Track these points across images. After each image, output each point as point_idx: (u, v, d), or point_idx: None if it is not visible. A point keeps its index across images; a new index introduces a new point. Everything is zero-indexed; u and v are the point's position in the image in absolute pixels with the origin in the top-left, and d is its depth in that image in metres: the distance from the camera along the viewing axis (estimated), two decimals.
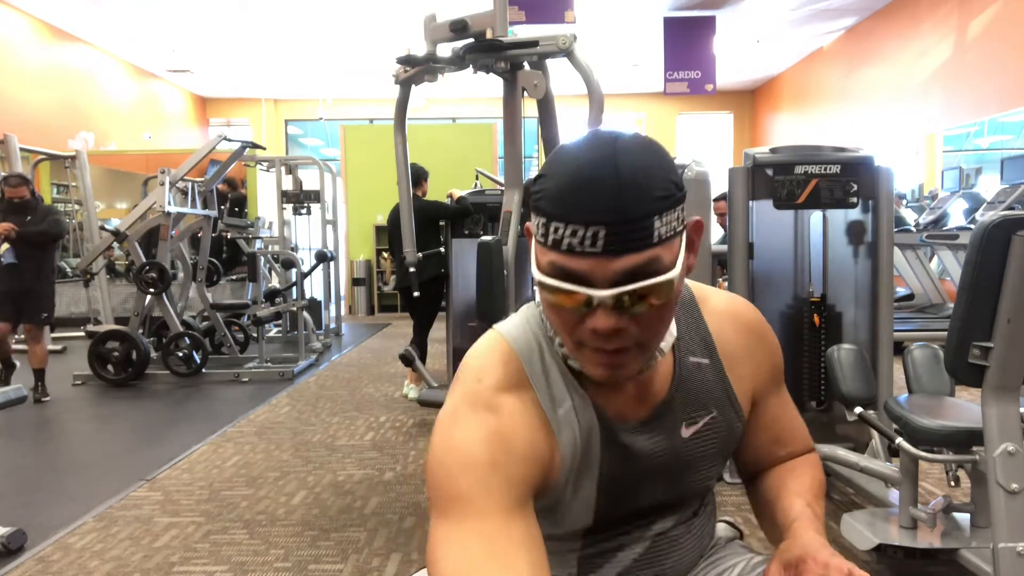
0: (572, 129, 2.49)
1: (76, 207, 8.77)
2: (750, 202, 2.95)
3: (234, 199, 8.51)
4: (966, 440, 1.93)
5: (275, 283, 6.95)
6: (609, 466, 0.85)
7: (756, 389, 0.96)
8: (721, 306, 0.95)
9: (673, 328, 0.85)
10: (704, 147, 13.81)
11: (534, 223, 0.77)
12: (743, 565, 0.97)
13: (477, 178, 6.47)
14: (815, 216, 2.96)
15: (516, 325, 0.88)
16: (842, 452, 2.56)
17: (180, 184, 5.74)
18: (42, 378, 4.92)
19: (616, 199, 0.70)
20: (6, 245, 4.64)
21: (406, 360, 4.04)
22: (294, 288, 6.47)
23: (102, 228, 6.09)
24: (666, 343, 0.83)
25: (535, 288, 0.81)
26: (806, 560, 0.81)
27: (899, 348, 2.93)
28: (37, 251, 4.78)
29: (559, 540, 0.91)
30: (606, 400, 0.85)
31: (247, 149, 6.21)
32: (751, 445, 1.00)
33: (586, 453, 0.84)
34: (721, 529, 1.08)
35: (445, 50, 2.88)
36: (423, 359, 4.49)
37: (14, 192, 4.76)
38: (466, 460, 0.75)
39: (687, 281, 0.92)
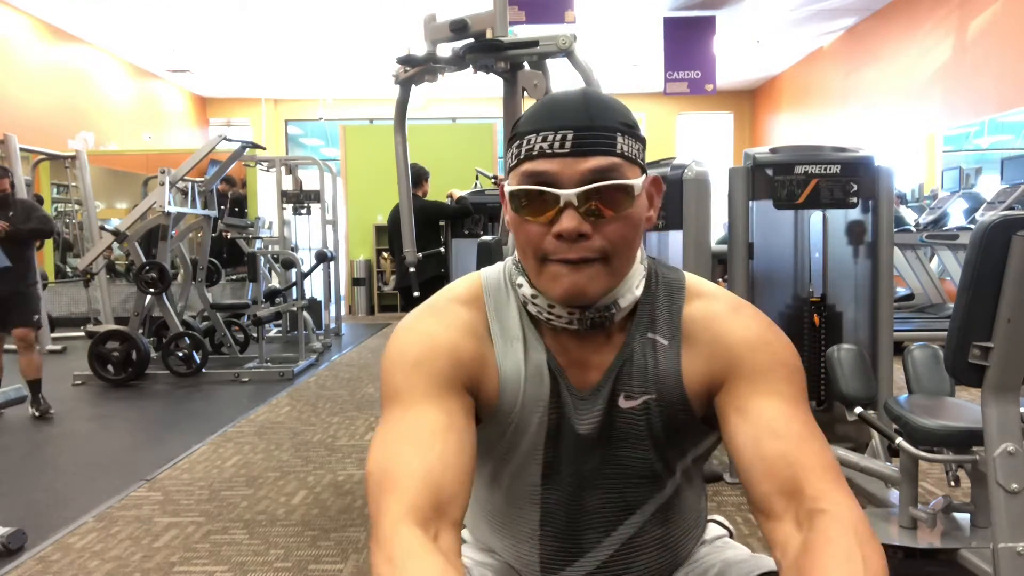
0: None
1: (76, 207, 8.78)
2: (750, 202, 2.95)
3: (234, 198, 8.51)
4: (966, 440, 1.93)
5: (275, 283, 6.95)
6: (555, 421, 0.88)
7: (717, 371, 0.85)
8: (710, 300, 0.90)
9: (639, 275, 0.88)
10: (704, 147, 13.82)
11: (509, 157, 0.84)
12: (736, 570, 0.95)
13: (477, 178, 6.47)
14: (815, 216, 2.96)
15: (493, 267, 0.96)
16: (842, 452, 2.56)
17: (180, 184, 5.74)
18: (39, 389, 4.44)
19: (583, 110, 0.79)
20: None
21: None
22: (294, 288, 6.47)
23: (102, 228, 6.09)
24: (625, 299, 0.86)
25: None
26: None
27: (899, 348, 2.93)
28: (25, 251, 4.42)
29: (517, 515, 0.95)
30: (559, 353, 0.89)
31: (247, 149, 6.21)
32: (734, 453, 0.82)
33: (533, 390, 0.88)
34: (711, 529, 1.07)
35: (445, 50, 2.88)
36: None
37: None
38: (398, 362, 0.84)
39: (687, 274, 0.93)
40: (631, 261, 0.85)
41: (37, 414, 4.38)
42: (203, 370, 5.60)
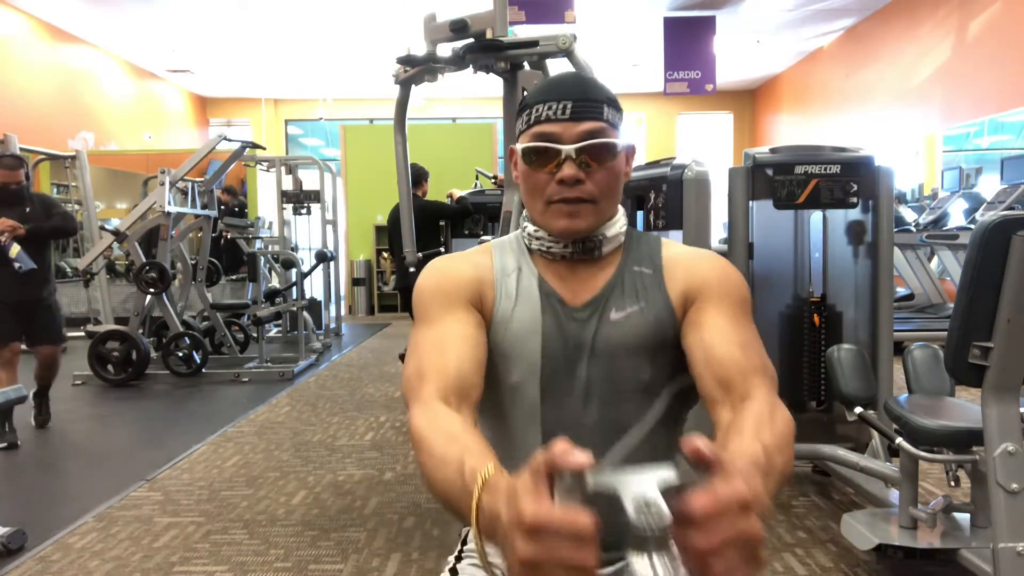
0: None
1: (76, 207, 8.78)
2: (750, 202, 2.95)
3: (236, 205, 8.51)
4: (966, 440, 1.93)
5: (275, 283, 6.95)
6: (550, 332, 1.03)
7: (691, 291, 1.04)
8: (682, 247, 1.12)
9: (622, 220, 1.09)
10: (704, 147, 13.81)
11: (519, 124, 1.05)
12: None
13: (477, 178, 6.47)
14: (815, 216, 2.96)
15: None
16: (842, 452, 2.56)
17: (180, 184, 5.74)
18: (46, 395, 4.16)
19: (579, 85, 1.02)
20: (16, 247, 3.66)
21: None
22: (294, 288, 6.47)
23: (102, 228, 6.08)
24: (609, 231, 1.06)
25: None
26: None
27: (899, 348, 2.93)
28: (44, 251, 3.93)
29: (520, 441, 1.05)
30: (553, 281, 1.07)
31: (247, 149, 6.21)
32: (690, 355, 1.00)
33: (525, 306, 1.05)
34: None
35: (445, 50, 2.88)
36: None
37: (9, 176, 3.80)
38: (420, 294, 1.06)
39: (663, 238, 1.14)
40: (614, 205, 1.07)
41: (34, 424, 4.15)
42: (203, 370, 5.60)
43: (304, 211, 7.38)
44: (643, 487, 0.58)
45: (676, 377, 1.06)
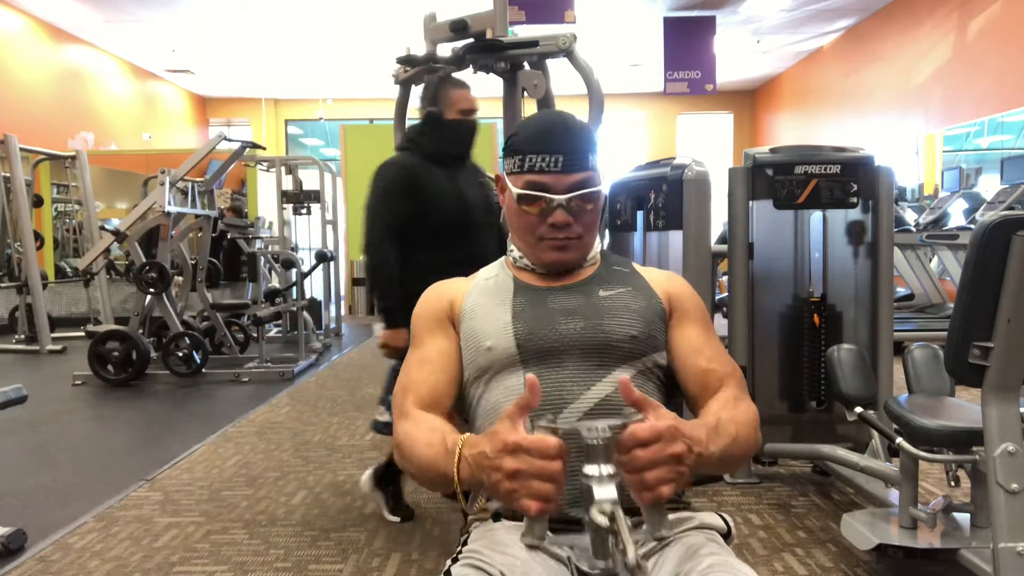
0: None
1: (76, 207, 8.78)
2: (750, 202, 2.95)
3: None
4: (966, 440, 1.93)
5: (275, 283, 6.95)
6: (522, 305, 1.17)
7: (671, 298, 1.21)
8: (651, 268, 1.29)
9: (597, 244, 1.25)
10: (704, 147, 13.82)
11: (509, 163, 1.18)
12: None
13: None
14: (815, 216, 2.96)
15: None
16: (842, 452, 2.56)
17: (180, 184, 5.74)
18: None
19: (569, 138, 1.15)
20: None
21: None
22: (294, 288, 6.47)
23: (102, 228, 6.08)
24: (593, 253, 1.24)
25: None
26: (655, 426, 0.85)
27: (899, 348, 2.93)
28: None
29: (507, 394, 1.13)
30: (530, 280, 1.21)
31: (247, 149, 6.21)
32: (673, 364, 1.19)
33: (494, 294, 1.20)
34: (708, 518, 1.10)
35: (445, 50, 2.88)
36: None
37: (469, 100, 2.51)
38: (414, 318, 1.24)
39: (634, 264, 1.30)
40: (595, 236, 1.23)
41: (398, 519, 2.71)
42: (203, 370, 5.59)
43: (304, 211, 7.38)
44: (596, 424, 0.79)
45: (663, 347, 1.18)
